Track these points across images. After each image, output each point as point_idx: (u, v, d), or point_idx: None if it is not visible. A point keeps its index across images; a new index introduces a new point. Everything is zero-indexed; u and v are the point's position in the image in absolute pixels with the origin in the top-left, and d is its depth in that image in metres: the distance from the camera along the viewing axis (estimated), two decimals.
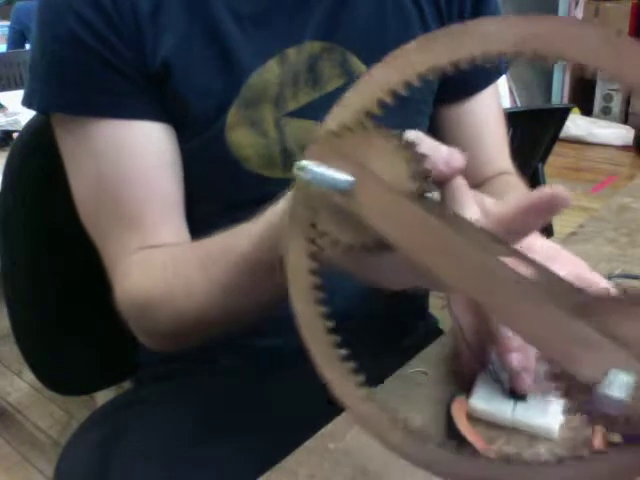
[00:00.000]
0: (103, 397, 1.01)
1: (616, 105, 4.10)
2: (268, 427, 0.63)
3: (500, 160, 0.76)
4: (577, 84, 4.22)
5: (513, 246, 0.32)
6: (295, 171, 0.33)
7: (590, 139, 3.93)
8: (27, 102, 0.61)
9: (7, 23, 4.17)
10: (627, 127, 3.97)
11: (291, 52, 0.62)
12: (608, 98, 4.11)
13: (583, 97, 4.15)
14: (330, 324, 0.35)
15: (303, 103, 0.63)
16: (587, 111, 4.14)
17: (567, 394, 0.30)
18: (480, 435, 0.49)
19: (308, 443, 0.50)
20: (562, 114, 1.70)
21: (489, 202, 0.40)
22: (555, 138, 1.72)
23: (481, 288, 0.29)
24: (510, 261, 0.29)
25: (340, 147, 0.33)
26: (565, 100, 4.22)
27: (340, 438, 0.50)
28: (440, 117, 0.76)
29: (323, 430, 0.51)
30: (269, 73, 0.61)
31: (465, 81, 0.73)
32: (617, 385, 0.27)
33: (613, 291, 0.28)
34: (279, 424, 0.62)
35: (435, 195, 0.36)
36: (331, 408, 0.53)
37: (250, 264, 0.48)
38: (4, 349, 2.05)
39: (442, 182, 0.37)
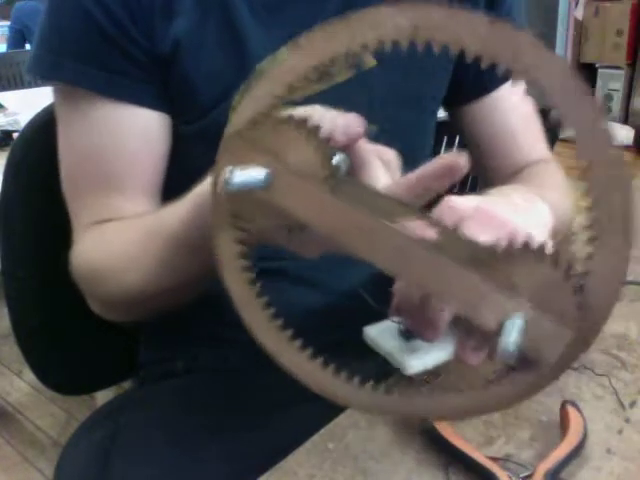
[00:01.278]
0: (103, 397, 1.01)
1: (616, 105, 4.10)
2: (268, 427, 0.63)
3: (533, 149, 0.76)
4: None
5: (418, 208, 0.36)
6: (219, 184, 0.35)
7: None
8: (32, 69, 0.62)
9: (7, 23, 4.17)
10: (627, 127, 3.96)
11: None
12: (608, 98, 4.11)
13: None
14: (264, 300, 0.38)
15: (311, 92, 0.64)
16: None
17: (470, 339, 0.34)
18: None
19: (308, 443, 0.50)
20: None
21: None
22: (555, 138, 1.72)
23: (384, 254, 0.33)
24: (415, 223, 0.34)
25: (253, 141, 0.35)
26: None
27: (340, 438, 0.50)
28: (463, 116, 0.76)
29: (323, 430, 0.51)
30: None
31: (480, 79, 0.74)
32: (513, 332, 0.30)
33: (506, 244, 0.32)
34: (279, 424, 0.62)
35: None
36: (331, 408, 0.53)
37: (180, 242, 0.51)
38: (4, 349, 2.05)
39: (346, 148, 0.39)
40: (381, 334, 0.52)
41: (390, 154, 0.42)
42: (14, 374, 2.04)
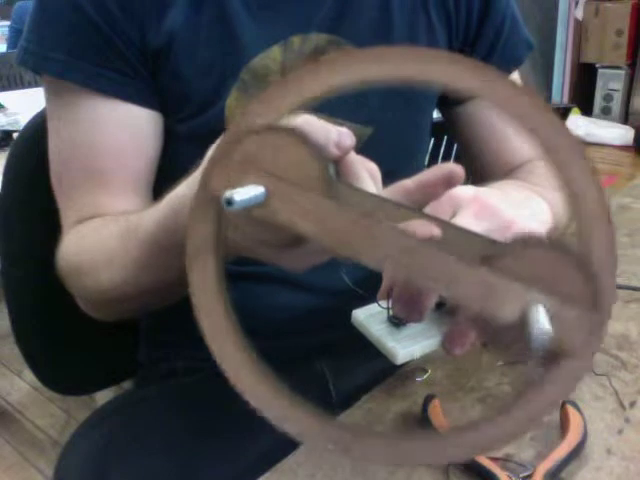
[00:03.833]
0: (103, 397, 1.00)
1: (616, 105, 4.09)
2: (268, 427, 0.63)
3: (525, 149, 0.76)
4: (577, 84, 4.22)
5: (418, 208, 0.36)
6: (223, 205, 0.33)
7: (590, 139, 3.92)
8: (21, 61, 0.62)
9: (7, 23, 4.17)
10: (627, 127, 3.96)
11: (296, 40, 0.63)
12: (608, 98, 4.11)
13: (583, 97, 4.14)
14: (233, 314, 0.38)
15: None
16: (587, 111, 4.14)
17: (492, 338, 0.33)
18: None
19: None
20: (562, 114, 1.71)
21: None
22: None
23: (392, 258, 0.32)
24: (418, 222, 0.34)
25: (243, 156, 0.34)
26: (565, 100, 4.21)
27: None
28: (456, 116, 0.77)
29: None
30: (270, 59, 0.62)
31: None
32: (540, 316, 0.30)
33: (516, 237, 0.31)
34: None
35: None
36: (331, 409, 0.54)
37: (154, 243, 0.50)
38: (4, 349, 2.05)
39: (337, 160, 0.39)
40: (369, 319, 0.52)
41: (374, 166, 0.42)
42: (14, 374, 2.03)
